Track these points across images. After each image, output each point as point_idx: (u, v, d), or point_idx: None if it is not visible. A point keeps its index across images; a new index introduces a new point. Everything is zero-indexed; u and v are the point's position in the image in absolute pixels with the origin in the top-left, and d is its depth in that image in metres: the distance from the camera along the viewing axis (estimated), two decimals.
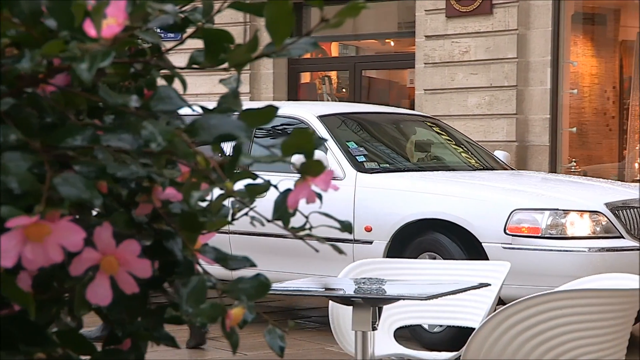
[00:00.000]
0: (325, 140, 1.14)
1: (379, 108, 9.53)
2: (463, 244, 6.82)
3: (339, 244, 6.88)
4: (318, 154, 5.82)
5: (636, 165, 11.36)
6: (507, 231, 6.67)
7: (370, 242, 7.06)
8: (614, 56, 12.15)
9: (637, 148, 11.48)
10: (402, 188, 7.17)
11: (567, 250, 6.61)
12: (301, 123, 7.56)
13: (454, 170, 7.93)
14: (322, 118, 7.68)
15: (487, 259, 6.54)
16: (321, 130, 7.51)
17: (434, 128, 8.66)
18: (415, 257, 6.79)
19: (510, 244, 6.66)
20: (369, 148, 7.82)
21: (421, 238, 7.00)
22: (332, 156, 7.35)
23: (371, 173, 7.38)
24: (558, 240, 6.64)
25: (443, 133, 8.62)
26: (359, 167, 7.38)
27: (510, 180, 7.69)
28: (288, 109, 7.85)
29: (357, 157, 7.49)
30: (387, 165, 7.73)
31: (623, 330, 3.75)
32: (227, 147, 1.25)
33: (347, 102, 12.46)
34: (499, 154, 8.44)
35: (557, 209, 6.68)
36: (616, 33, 12.23)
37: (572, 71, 11.38)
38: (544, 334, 3.61)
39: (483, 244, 6.70)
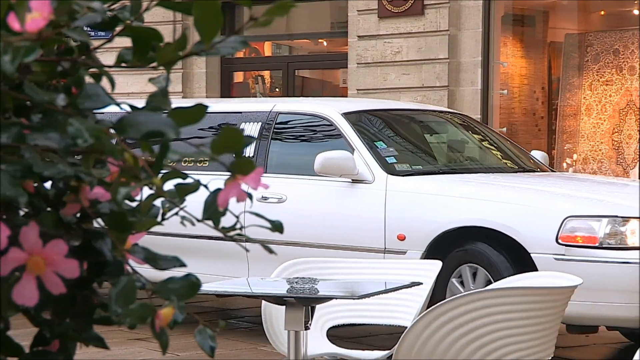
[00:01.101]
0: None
1: (407, 105, 8.99)
2: (509, 254, 6.18)
3: (368, 254, 6.21)
4: (344, 155, 6.03)
5: (564, 164, 11.54)
6: (559, 241, 6.00)
7: (404, 252, 6.42)
8: (542, 57, 12.33)
9: (565, 148, 11.67)
10: (439, 192, 6.52)
11: (627, 262, 5.92)
12: (324, 120, 7.07)
13: (492, 172, 7.25)
14: (347, 115, 7.08)
15: (536, 270, 5.85)
16: (346, 129, 6.96)
17: (466, 126, 7.99)
18: (455, 269, 6.34)
19: (563, 254, 5.99)
20: (399, 148, 7.19)
21: (461, 248, 6.37)
22: (359, 157, 6.73)
23: (403, 176, 6.75)
24: (617, 250, 5.96)
25: (476, 131, 7.97)
26: (390, 169, 6.75)
27: (560, 183, 6.99)
28: (310, 105, 7.41)
29: (386, 158, 6.87)
30: (420, 167, 7.09)
31: (552, 327, 3.81)
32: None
33: None
34: (537, 154, 7.84)
35: (616, 216, 6.00)
36: (545, 34, 12.41)
37: (502, 72, 11.52)
38: (475, 332, 3.65)
39: (532, 255, 6.04)
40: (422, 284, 4.41)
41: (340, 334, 6.62)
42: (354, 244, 6.56)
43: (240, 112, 7.43)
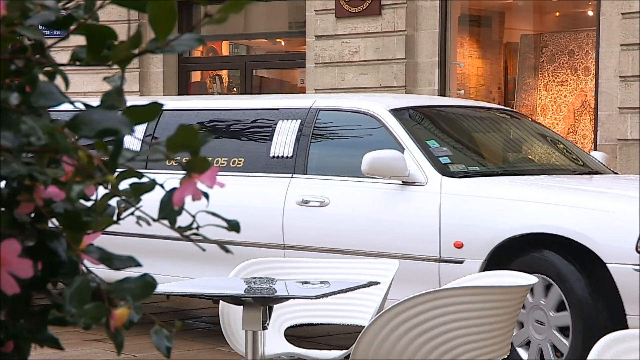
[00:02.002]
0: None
1: (459, 101, 8.42)
2: (581, 265, 5.59)
3: (423, 263, 5.77)
4: (394, 155, 5.61)
5: None
6: (639, 250, 5.41)
7: (461, 262, 5.82)
8: (499, 58, 12.42)
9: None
10: (500, 196, 5.92)
11: None
12: (370, 118, 6.50)
13: (554, 173, 6.66)
14: (395, 112, 6.49)
15: (612, 282, 5.42)
16: (395, 127, 6.38)
17: (519, 124, 7.44)
18: None
19: None
20: (452, 147, 6.59)
21: (526, 257, 5.73)
22: (410, 157, 6.15)
23: (458, 177, 6.15)
24: None
25: (531, 130, 7.39)
26: (444, 171, 6.16)
27: (634, 186, 6.19)
28: (354, 101, 6.80)
29: (440, 159, 6.27)
30: (476, 167, 6.47)
31: (508, 326, 3.83)
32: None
33: None
34: (597, 155, 7.26)
35: None
36: (501, 35, 12.50)
37: (459, 72, 11.59)
38: (432, 331, 3.67)
39: (608, 266, 5.43)
40: (379, 283, 4.42)
41: (298, 334, 6.63)
42: (405, 252, 6.00)
43: (277, 109, 6.92)
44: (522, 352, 5.85)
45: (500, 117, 7.43)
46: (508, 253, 5.76)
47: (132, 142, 6.86)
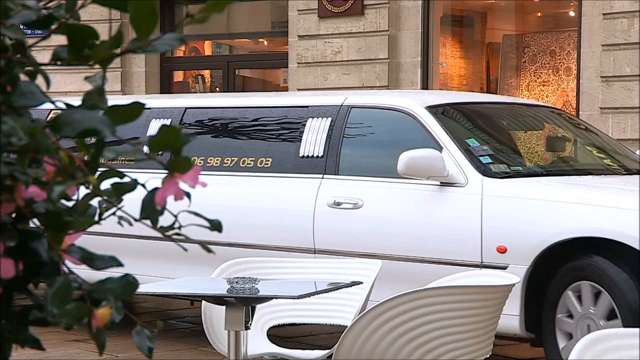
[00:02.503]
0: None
1: (497, 97, 8.09)
2: (633, 270, 5.27)
3: (460, 268, 5.24)
4: (432, 154, 5.33)
5: None
6: None
7: (505, 267, 5.48)
8: (481, 58, 12.45)
9: None
10: (546, 197, 5.57)
11: None
12: (405, 115, 6.14)
13: (602, 174, 6.30)
14: (431, 109, 6.15)
15: None
16: (432, 125, 6.04)
17: (563, 122, 7.05)
18: (567, 287, 5.47)
19: None
20: (493, 146, 6.23)
21: (574, 263, 5.45)
22: (448, 157, 5.83)
23: (501, 178, 5.81)
24: None
25: (575, 128, 7.02)
26: (485, 171, 5.82)
27: None
28: (388, 98, 6.46)
29: (480, 158, 5.93)
30: (519, 167, 6.12)
31: (489, 326, 3.84)
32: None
33: None
34: None
35: None
36: (483, 35, 12.54)
37: (442, 72, 11.61)
38: (414, 331, 3.68)
39: None
40: (362, 283, 4.43)
41: (281, 334, 6.63)
42: (444, 257, 5.72)
43: (307, 107, 6.57)
44: None
45: (539, 113, 7.06)
46: (555, 258, 5.47)
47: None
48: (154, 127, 6.99)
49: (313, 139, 6.40)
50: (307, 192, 6.29)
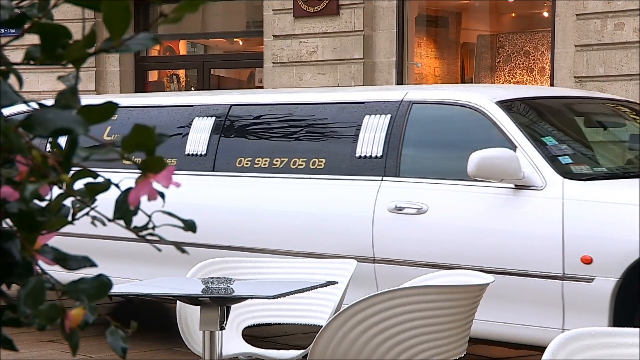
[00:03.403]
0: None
1: (572, 91, 7.47)
2: None
3: (542, 281, 4.84)
4: (506, 154, 4.78)
5: None
6: None
7: (590, 280, 4.96)
8: (455, 58, 12.49)
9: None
10: (636, 202, 4.99)
11: None
12: (474, 111, 5.59)
13: None
14: (502, 104, 5.59)
15: None
16: (504, 121, 5.48)
17: None
18: None
19: None
20: (572, 145, 5.66)
21: None
22: (523, 156, 5.30)
23: (583, 180, 5.25)
24: None
25: None
26: (565, 172, 5.27)
27: None
28: (454, 93, 5.85)
29: (559, 158, 5.39)
30: (603, 168, 5.54)
31: (464, 325, 3.86)
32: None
33: None
34: None
35: None
36: (458, 35, 12.58)
37: (417, 72, 11.64)
38: (389, 330, 3.68)
39: None
40: (337, 283, 4.43)
41: (256, 334, 6.62)
42: (520, 268, 5.19)
43: (363, 103, 6.03)
44: None
45: (619, 109, 6.43)
46: None
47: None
48: (196, 125, 6.67)
49: (371, 137, 5.86)
50: (365, 195, 5.76)
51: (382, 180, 5.74)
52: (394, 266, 5.57)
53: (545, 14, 11.51)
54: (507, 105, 5.62)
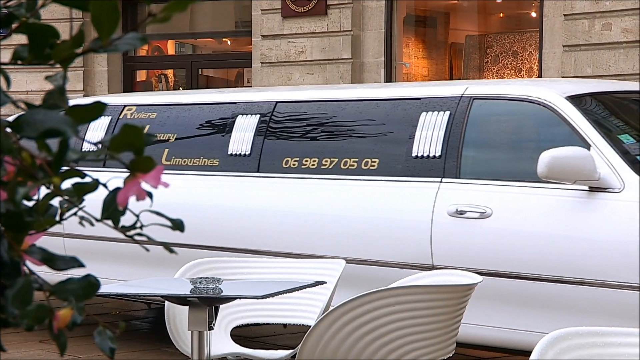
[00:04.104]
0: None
1: None
2: None
3: (618, 292, 4.60)
4: (579, 153, 4.35)
5: None
6: None
7: None
8: (444, 58, 12.51)
9: None
10: None
11: None
12: (542, 107, 5.15)
13: None
14: (574, 100, 5.16)
15: None
16: (576, 118, 5.07)
17: None
18: None
19: None
20: None
21: None
22: (599, 156, 4.90)
23: None
24: None
25: None
26: None
27: None
28: (520, 88, 5.40)
29: (638, 158, 4.99)
30: None
31: (452, 325, 3.86)
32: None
33: None
34: None
35: None
36: (446, 35, 12.60)
37: (405, 72, 11.65)
38: (377, 330, 3.69)
39: None
40: (325, 283, 4.43)
41: (245, 334, 6.62)
42: (594, 277, 4.82)
43: (419, 99, 5.63)
44: None
45: None
46: None
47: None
48: (240, 124, 6.29)
49: (428, 136, 5.45)
50: (423, 198, 5.35)
51: (441, 181, 5.35)
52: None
53: (533, 14, 11.53)
54: (578, 101, 5.19)
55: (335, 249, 5.54)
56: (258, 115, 6.24)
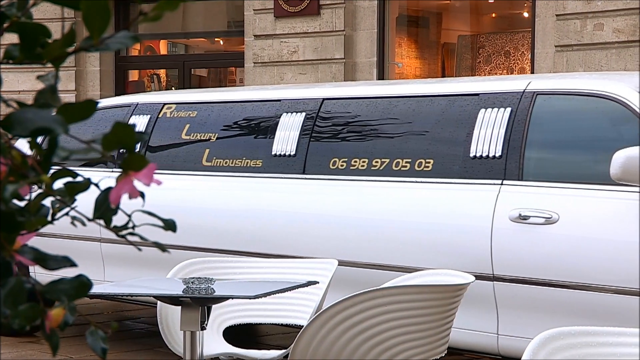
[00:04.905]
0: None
1: None
2: None
3: None
4: None
5: None
6: None
7: None
8: (436, 58, 12.52)
9: None
10: None
11: None
12: (614, 103, 4.76)
13: None
14: None
15: None
16: None
17: None
18: None
19: None
20: None
21: None
22: None
23: None
24: None
25: None
26: None
27: None
28: (590, 82, 4.96)
29: None
30: None
31: (446, 324, 3.87)
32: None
33: None
34: None
35: None
36: (438, 36, 12.61)
37: (397, 72, 11.66)
38: (370, 330, 3.69)
39: None
40: (318, 282, 4.43)
41: (237, 334, 6.61)
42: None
43: (477, 95, 5.24)
44: None
45: None
46: None
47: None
48: (284, 122, 5.95)
49: (487, 134, 5.09)
50: (482, 202, 4.97)
51: (502, 184, 4.97)
52: (518, 285, 4.78)
53: (526, 15, 11.54)
54: None
55: (386, 256, 5.19)
56: (304, 113, 5.93)
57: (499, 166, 5.00)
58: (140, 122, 6.64)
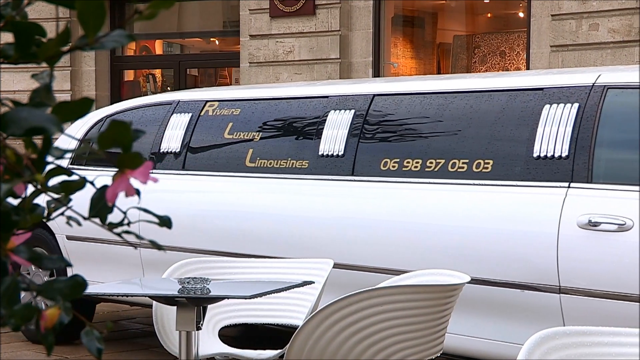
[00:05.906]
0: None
1: None
2: None
3: None
4: None
5: None
6: None
7: None
8: (432, 58, 12.53)
9: None
10: None
11: None
12: None
13: None
14: None
15: None
16: None
17: None
18: None
19: None
20: None
21: None
22: None
23: None
24: None
25: None
26: None
27: None
28: None
29: None
30: None
31: (441, 324, 3.87)
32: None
33: None
34: None
35: None
36: (434, 36, 12.62)
37: (393, 72, 11.66)
38: (366, 330, 3.69)
39: None
40: (313, 282, 4.43)
41: (233, 334, 6.61)
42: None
43: (542, 89, 4.82)
44: None
45: None
46: None
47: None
48: (332, 119, 5.58)
49: (553, 132, 4.67)
50: (547, 206, 4.57)
51: (569, 187, 4.56)
52: (588, 298, 4.39)
53: (521, 15, 11.55)
54: None
55: (442, 264, 4.73)
56: (353, 111, 5.57)
57: (565, 167, 4.59)
58: (181, 121, 6.37)
